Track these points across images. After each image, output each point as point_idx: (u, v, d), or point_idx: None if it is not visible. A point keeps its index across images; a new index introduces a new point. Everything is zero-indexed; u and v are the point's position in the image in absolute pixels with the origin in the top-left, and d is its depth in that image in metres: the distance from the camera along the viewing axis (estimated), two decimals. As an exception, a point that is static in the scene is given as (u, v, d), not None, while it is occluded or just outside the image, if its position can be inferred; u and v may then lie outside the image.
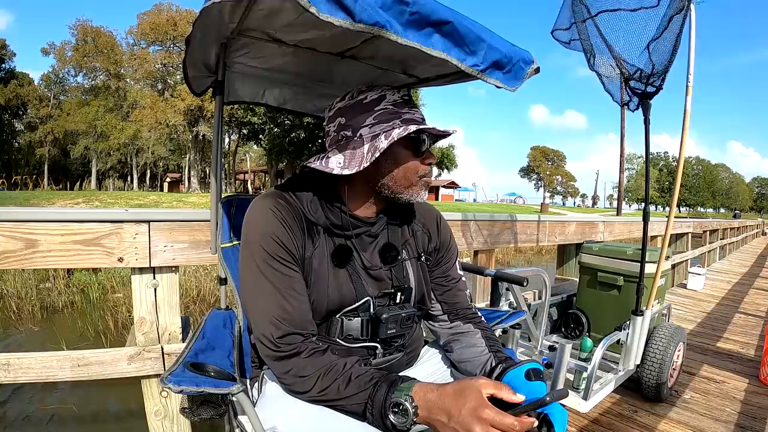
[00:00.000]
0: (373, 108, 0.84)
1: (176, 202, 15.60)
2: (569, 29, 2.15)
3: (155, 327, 1.61)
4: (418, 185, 0.87)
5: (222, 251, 1.12)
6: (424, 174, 0.88)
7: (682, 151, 1.95)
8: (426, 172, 0.88)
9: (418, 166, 0.86)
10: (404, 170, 0.85)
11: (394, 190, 0.87)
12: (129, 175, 37.61)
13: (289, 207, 0.85)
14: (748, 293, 5.80)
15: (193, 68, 1.19)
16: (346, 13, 0.64)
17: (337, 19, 0.64)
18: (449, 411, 0.65)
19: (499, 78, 0.89)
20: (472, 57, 0.83)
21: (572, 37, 2.15)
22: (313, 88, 1.43)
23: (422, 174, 0.87)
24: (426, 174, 0.88)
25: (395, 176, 0.85)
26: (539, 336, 2.12)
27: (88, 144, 31.92)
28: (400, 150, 0.84)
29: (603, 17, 1.97)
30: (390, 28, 0.69)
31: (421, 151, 0.85)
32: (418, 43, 0.74)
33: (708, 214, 73.14)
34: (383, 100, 0.84)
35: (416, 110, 0.86)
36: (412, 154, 0.85)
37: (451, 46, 0.79)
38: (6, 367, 1.42)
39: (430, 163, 0.88)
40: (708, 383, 2.62)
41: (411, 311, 0.92)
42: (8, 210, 1.42)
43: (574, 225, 3.85)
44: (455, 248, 1.07)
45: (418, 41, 0.74)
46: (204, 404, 0.86)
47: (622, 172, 10.94)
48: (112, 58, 30.71)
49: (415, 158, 0.86)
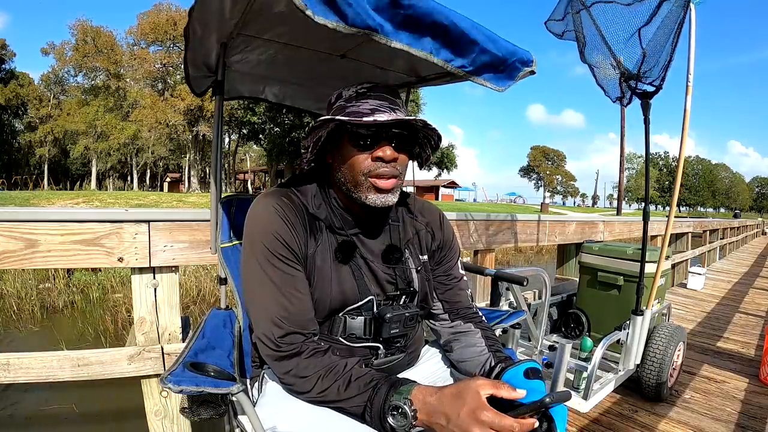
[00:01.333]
0: (333, 106, 0.85)
1: (176, 202, 15.59)
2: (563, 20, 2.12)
3: (155, 327, 1.61)
4: (365, 185, 0.80)
5: (222, 251, 1.12)
6: (370, 170, 0.79)
7: (682, 151, 1.95)
8: (371, 168, 0.79)
9: (362, 162, 0.79)
10: (349, 167, 0.81)
11: (348, 189, 0.83)
12: (129, 175, 37.61)
13: (291, 205, 0.85)
14: (748, 293, 5.80)
15: (194, 67, 1.19)
16: (339, 17, 0.65)
17: (331, 22, 0.65)
18: (448, 414, 0.65)
19: (489, 78, 0.89)
20: (461, 58, 0.83)
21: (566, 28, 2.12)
22: (314, 88, 1.43)
23: (366, 171, 0.79)
24: (372, 170, 0.79)
25: (345, 174, 0.82)
26: (539, 336, 2.12)
27: (88, 144, 31.90)
28: (345, 146, 0.81)
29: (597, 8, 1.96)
30: (381, 31, 0.69)
31: (365, 144, 0.78)
32: (408, 45, 0.74)
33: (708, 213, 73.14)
34: (340, 98, 0.84)
35: (367, 102, 0.79)
36: (357, 149, 0.79)
37: (440, 47, 0.79)
38: (6, 367, 1.42)
39: (379, 157, 0.78)
40: (708, 383, 2.62)
41: (414, 311, 0.92)
42: (8, 210, 1.42)
43: (574, 225, 3.85)
44: (457, 247, 1.07)
45: (408, 43, 0.74)
46: (204, 404, 0.86)
47: (622, 171, 10.95)
48: (112, 58, 30.65)
49: (359, 153, 0.79)
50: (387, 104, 0.80)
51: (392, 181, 0.81)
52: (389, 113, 0.79)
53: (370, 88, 0.82)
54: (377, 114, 0.78)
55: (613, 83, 2.05)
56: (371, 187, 0.80)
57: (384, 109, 0.79)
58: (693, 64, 1.81)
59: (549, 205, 43.29)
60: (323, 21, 0.64)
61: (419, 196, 1.10)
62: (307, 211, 0.86)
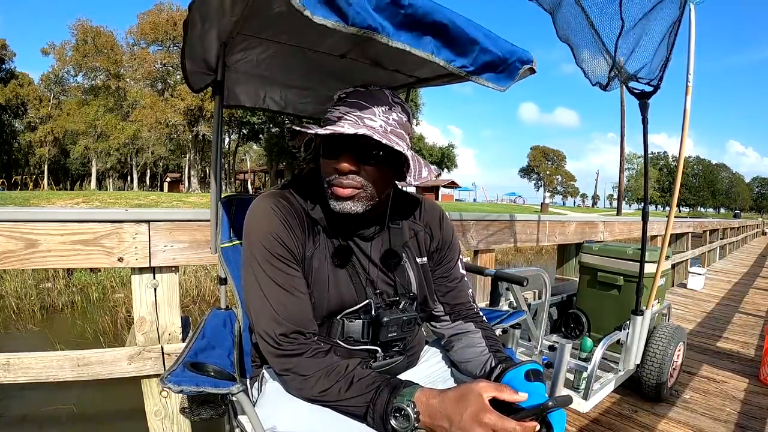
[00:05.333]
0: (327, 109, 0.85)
1: (176, 202, 15.59)
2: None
3: (155, 327, 1.61)
4: (328, 192, 0.80)
5: (222, 251, 1.12)
6: (329, 180, 0.79)
7: (682, 151, 1.95)
8: (330, 177, 0.78)
9: (325, 169, 0.80)
10: (321, 173, 0.81)
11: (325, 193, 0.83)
12: (129, 175, 37.60)
13: (289, 206, 0.85)
14: (748, 293, 5.80)
15: (192, 62, 1.18)
16: (339, 16, 0.64)
17: (331, 22, 0.64)
18: (451, 416, 0.65)
19: (490, 78, 0.89)
20: (462, 58, 0.82)
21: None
22: (315, 89, 1.43)
23: (327, 179, 0.79)
24: (331, 180, 0.78)
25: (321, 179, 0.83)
26: (539, 336, 2.13)
27: (88, 144, 31.89)
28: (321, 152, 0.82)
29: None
30: (382, 31, 0.69)
31: (329, 153, 0.78)
32: (408, 45, 0.74)
33: (708, 213, 73.18)
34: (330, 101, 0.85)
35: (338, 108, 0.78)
36: (324, 156, 0.80)
37: (441, 47, 0.79)
38: (6, 367, 1.42)
39: (335, 167, 0.77)
40: (708, 383, 2.62)
41: (413, 315, 0.92)
42: (8, 210, 1.42)
43: (574, 225, 3.85)
44: (458, 247, 1.06)
45: (408, 43, 0.74)
46: (204, 404, 0.86)
47: (622, 172, 10.96)
48: (112, 58, 30.66)
49: (326, 160, 0.80)
50: (356, 111, 0.76)
51: (349, 190, 0.78)
52: (355, 122, 0.75)
53: (350, 93, 0.80)
54: (342, 122, 0.76)
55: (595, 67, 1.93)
56: (331, 195, 0.80)
57: (350, 117, 0.76)
58: (693, 64, 1.82)
59: (549, 205, 43.28)
60: (322, 21, 0.64)
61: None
62: (304, 213, 0.86)
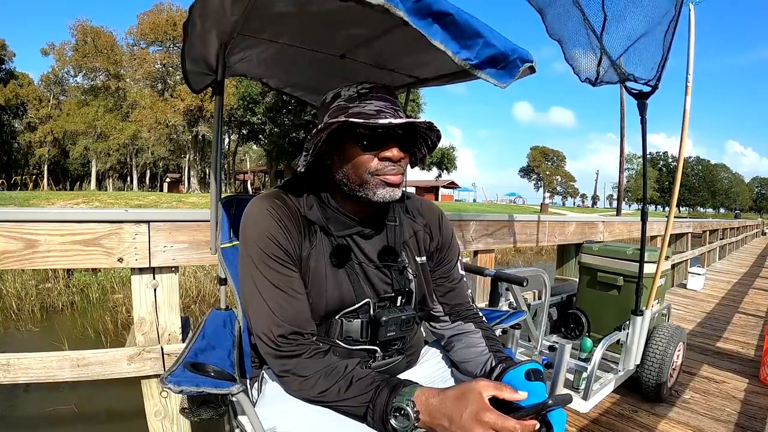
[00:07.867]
0: (330, 106, 0.85)
1: (176, 202, 15.59)
2: None
3: (155, 327, 1.60)
4: (372, 182, 0.81)
5: (222, 251, 1.12)
6: (377, 170, 0.81)
7: (681, 151, 1.95)
8: (379, 167, 0.81)
9: (369, 162, 0.81)
10: (353, 166, 0.82)
11: (350, 188, 0.84)
12: (129, 175, 37.56)
13: (285, 207, 0.85)
14: (748, 293, 5.80)
15: (192, 63, 1.18)
16: None
17: None
18: (451, 415, 0.65)
19: (491, 74, 0.89)
20: (466, 51, 0.82)
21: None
22: (315, 88, 1.43)
23: (374, 170, 0.81)
24: (380, 170, 0.81)
25: (347, 173, 0.83)
26: (539, 336, 2.13)
27: (88, 144, 31.85)
28: (348, 146, 0.82)
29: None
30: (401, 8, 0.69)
31: (371, 145, 0.80)
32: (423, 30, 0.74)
33: (708, 214, 73.18)
34: (338, 97, 0.84)
35: (371, 103, 0.81)
36: (362, 149, 0.81)
37: (448, 38, 0.79)
38: (6, 367, 1.42)
39: (387, 157, 0.80)
40: (708, 383, 2.62)
41: (411, 314, 0.92)
42: (8, 210, 1.42)
43: (574, 225, 3.85)
44: (457, 247, 1.06)
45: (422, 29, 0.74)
46: (204, 404, 0.86)
47: (621, 172, 10.95)
48: (111, 59, 30.64)
49: (364, 153, 0.81)
50: (390, 105, 0.82)
51: (400, 176, 0.83)
52: (394, 114, 0.80)
53: (371, 88, 0.83)
54: (384, 115, 0.79)
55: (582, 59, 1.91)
56: (380, 183, 0.82)
57: (388, 110, 0.81)
58: (692, 64, 1.82)
59: (549, 205, 43.29)
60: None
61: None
62: (300, 214, 0.86)
